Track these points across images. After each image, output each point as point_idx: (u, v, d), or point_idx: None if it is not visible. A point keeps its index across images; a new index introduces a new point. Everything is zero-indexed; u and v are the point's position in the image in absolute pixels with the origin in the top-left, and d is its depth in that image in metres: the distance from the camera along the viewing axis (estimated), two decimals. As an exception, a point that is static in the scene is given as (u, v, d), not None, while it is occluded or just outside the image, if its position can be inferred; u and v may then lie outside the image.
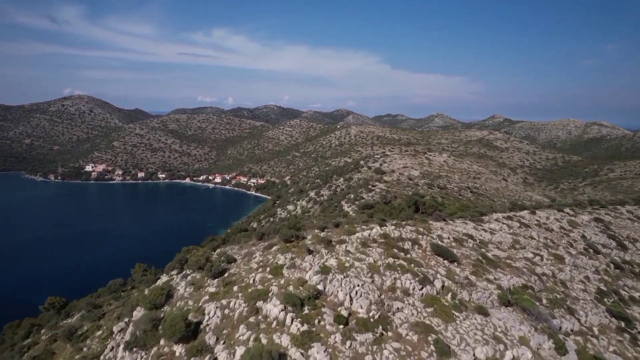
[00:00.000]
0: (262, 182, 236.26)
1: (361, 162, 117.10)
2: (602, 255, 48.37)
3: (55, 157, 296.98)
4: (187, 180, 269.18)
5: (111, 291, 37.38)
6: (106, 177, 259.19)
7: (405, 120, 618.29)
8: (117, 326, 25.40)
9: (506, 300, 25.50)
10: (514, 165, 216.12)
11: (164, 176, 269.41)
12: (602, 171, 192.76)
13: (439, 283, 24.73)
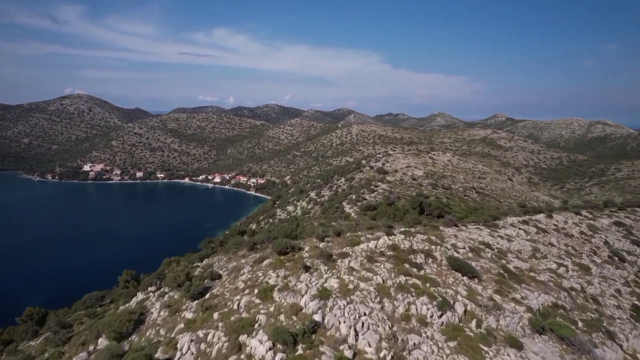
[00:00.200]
0: (262, 182, 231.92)
1: (363, 162, 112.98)
2: (628, 263, 44.27)
3: (53, 157, 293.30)
4: (186, 180, 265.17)
5: (86, 306, 33.27)
6: (104, 177, 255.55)
7: (406, 119, 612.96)
8: (78, 357, 21.43)
9: (539, 326, 21.46)
10: (519, 164, 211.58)
11: (163, 176, 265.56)
12: (609, 171, 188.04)
13: (461, 307, 20.65)
